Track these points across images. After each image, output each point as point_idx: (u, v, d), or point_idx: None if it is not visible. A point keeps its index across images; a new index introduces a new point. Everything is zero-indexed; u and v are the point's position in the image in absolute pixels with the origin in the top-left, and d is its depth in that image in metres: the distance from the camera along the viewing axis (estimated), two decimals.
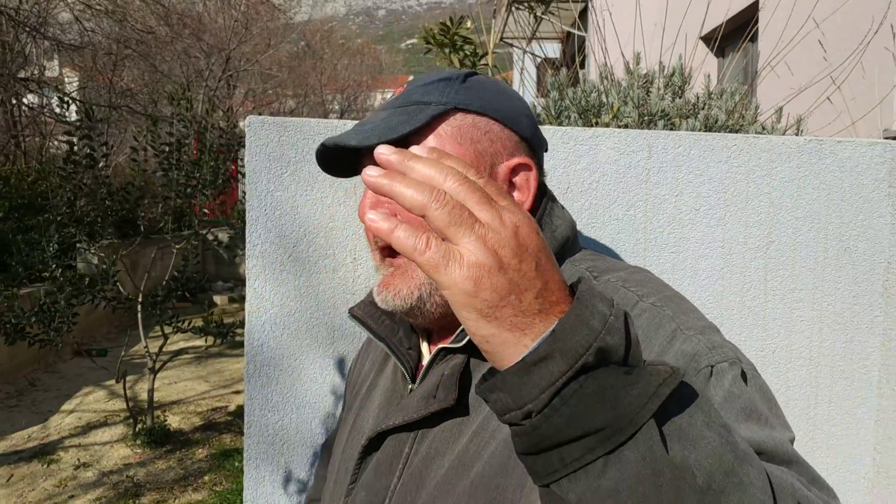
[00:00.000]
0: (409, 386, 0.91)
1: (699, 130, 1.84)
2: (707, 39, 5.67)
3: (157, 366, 5.59)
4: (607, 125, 1.86)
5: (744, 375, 0.73)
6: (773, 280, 1.31)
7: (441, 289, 0.52)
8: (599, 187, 1.28)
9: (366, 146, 0.82)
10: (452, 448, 0.81)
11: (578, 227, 1.27)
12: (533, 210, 0.88)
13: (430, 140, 0.84)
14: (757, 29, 4.51)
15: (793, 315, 1.32)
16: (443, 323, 0.88)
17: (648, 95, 1.91)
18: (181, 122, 4.50)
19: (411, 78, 0.94)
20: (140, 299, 5.40)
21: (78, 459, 5.26)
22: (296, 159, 1.25)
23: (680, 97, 2.10)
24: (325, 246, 1.25)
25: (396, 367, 0.95)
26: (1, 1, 7.91)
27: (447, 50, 3.72)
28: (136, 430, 5.55)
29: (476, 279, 0.51)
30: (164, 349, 5.72)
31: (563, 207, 0.93)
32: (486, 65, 3.71)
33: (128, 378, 6.14)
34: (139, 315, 5.54)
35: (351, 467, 0.91)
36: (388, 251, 0.86)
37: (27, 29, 8.07)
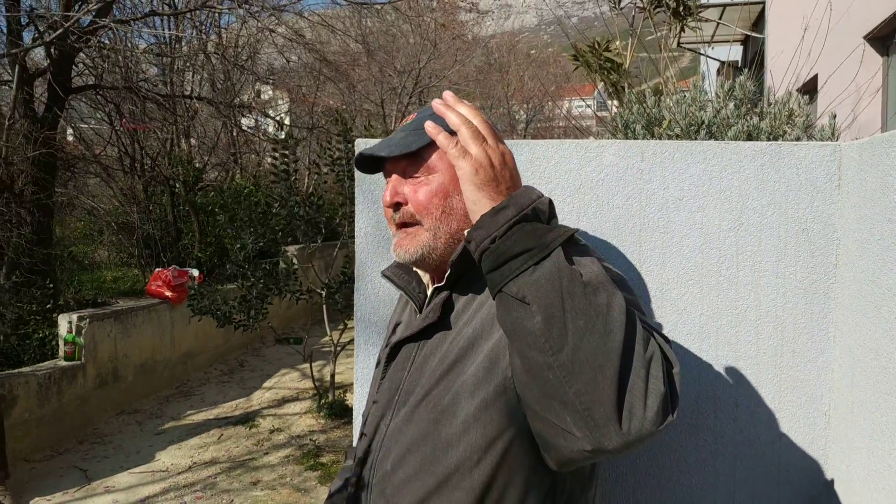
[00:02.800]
0: (418, 315, 1.36)
1: (741, 139, 2.18)
2: (871, 39, 5.61)
3: (339, 351, 6.42)
4: (661, 136, 2.25)
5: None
6: (743, 255, 1.67)
7: (457, 170, 1.11)
8: (604, 184, 1.71)
9: (392, 156, 1.27)
10: (440, 349, 1.25)
11: (588, 216, 1.72)
12: None
13: (433, 151, 1.26)
14: None
15: (760, 282, 1.67)
16: (438, 272, 1.32)
17: (702, 111, 2.27)
18: (347, 141, 5.25)
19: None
20: (324, 293, 6.24)
21: (273, 425, 6.20)
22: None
23: (744, 108, 2.42)
24: None
25: (412, 305, 1.40)
26: (220, 46, 9.29)
27: (593, 67, 4.10)
28: (320, 404, 6.42)
29: (475, 167, 1.10)
30: (342, 338, 6.54)
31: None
32: (625, 78, 3.96)
33: (316, 362, 7.05)
34: (324, 308, 6.39)
35: (381, 368, 1.36)
36: (402, 224, 1.31)
37: (240, 66, 9.35)
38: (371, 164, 1.37)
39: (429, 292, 1.37)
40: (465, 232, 1.12)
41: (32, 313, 6.95)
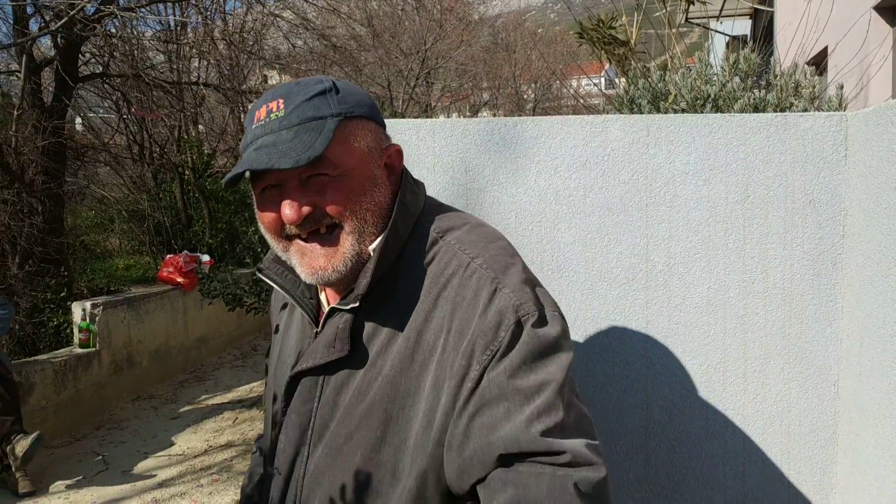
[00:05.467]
0: (315, 330, 1.16)
1: (747, 112, 2.17)
2: (880, 9, 5.56)
3: None
4: (667, 111, 2.24)
5: (542, 321, 1.01)
6: (750, 227, 1.67)
7: None
8: (610, 159, 1.72)
9: (300, 165, 1.01)
10: (351, 382, 1.09)
11: (594, 191, 1.72)
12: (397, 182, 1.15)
13: (336, 146, 1.05)
14: None
15: (767, 254, 1.67)
16: (341, 284, 1.12)
17: (708, 84, 2.26)
18: None
19: (277, 84, 1.17)
20: None
21: None
22: None
23: (750, 81, 2.41)
24: None
25: (301, 313, 1.20)
26: (228, 32, 9.29)
27: (599, 44, 4.07)
28: None
29: None
30: None
31: (415, 182, 1.18)
32: (631, 55, 3.93)
33: None
34: None
35: (282, 395, 1.17)
36: (313, 233, 1.09)
37: (246, 52, 9.34)
38: (242, 177, 1.09)
39: (325, 308, 1.18)
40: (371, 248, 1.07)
41: (47, 302, 7.00)
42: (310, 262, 1.09)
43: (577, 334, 1.74)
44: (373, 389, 1.07)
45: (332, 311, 1.12)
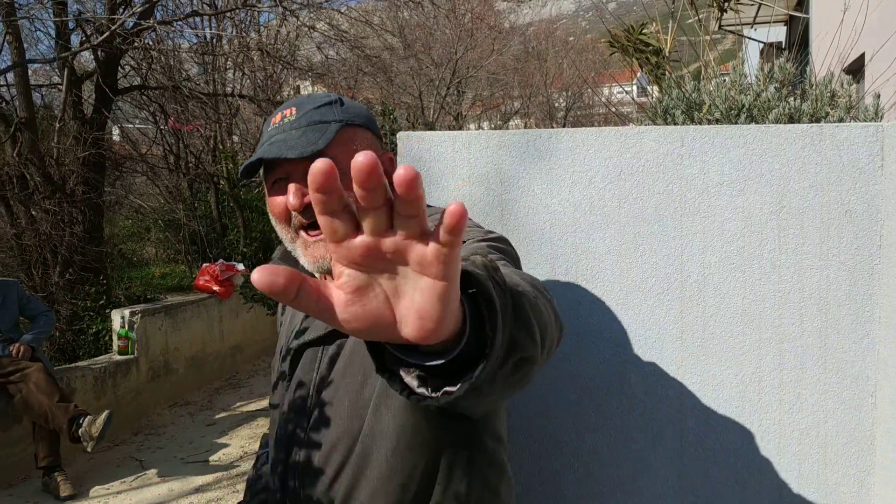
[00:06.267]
0: None
1: (782, 122, 2.18)
2: None
3: None
4: (700, 121, 2.25)
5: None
6: (786, 237, 1.68)
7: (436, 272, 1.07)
8: (644, 170, 1.73)
9: (304, 156, 1.17)
10: (344, 347, 1.25)
11: (629, 201, 1.74)
12: None
13: (337, 147, 1.21)
14: None
15: (803, 264, 1.67)
16: None
17: (742, 94, 2.26)
18: (391, 133, 5.30)
19: (305, 97, 1.32)
20: None
21: None
22: (428, 159, 1.83)
23: (785, 90, 2.41)
24: None
25: None
26: (263, 43, 9.44)
27: (630, 52, 4.08)
28: None
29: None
30: None
31: None
32: (665, 63, 3.93)
33: None
34: None
35: (287, 366, 1.33)
36: (308, 225, 1.22)
37: (281, 63, 9.47)
38: (256, 167, 1.27)
39: None
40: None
41: (86, 309, 7.15)
42: (312, 252, 1.22)
43: (611, 343, 1.75)
44: (353, 345, 1.23)
45: None
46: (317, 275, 1.24)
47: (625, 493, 1.77)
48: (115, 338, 6.43)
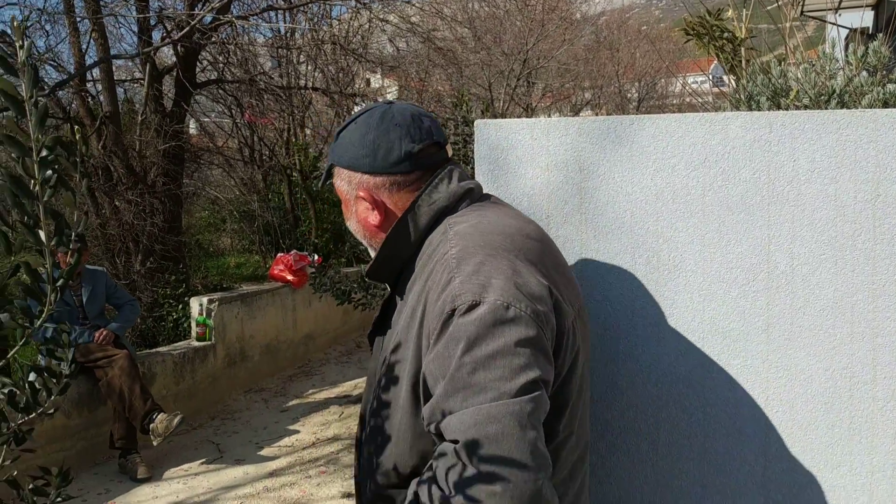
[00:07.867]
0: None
1: (875, 107, 2.08)
2: None
3: None
4: (787, 107, 2.17)
5: (473, 307, 1.15)
6: (881, 227, 1.60)
7: None
8: (730, 157, 1.68)
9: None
10: (390, 335, 1.41)
11: (713, 189, 1.69)
12: (389, 212, 1.41)
13: (338, 179, 1.47)
14: None
15: None
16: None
17: (832, 79, 2.17)
18: (465, 123, 5.28)
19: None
20: None
21: None
22: (505, 147, 1.81)
23: (879, 75, 2.30)
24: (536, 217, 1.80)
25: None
26: (336, 36, 9.56)
27: (706, 39, 3.98)
28: None
29: None
30: None
31: (449, 183, 1.39)
32: (743, 48, 3.83)
33: None
34: None
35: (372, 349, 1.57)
36: None
37: (354, 55, 9.56)
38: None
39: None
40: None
41: (166, 297, 7.39)
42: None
43: (693, 336, 1.71)
44: (392, 335, 1.38)
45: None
46: None
47: (704, 490, 1.72)
48: (193, 325, 6.62)
